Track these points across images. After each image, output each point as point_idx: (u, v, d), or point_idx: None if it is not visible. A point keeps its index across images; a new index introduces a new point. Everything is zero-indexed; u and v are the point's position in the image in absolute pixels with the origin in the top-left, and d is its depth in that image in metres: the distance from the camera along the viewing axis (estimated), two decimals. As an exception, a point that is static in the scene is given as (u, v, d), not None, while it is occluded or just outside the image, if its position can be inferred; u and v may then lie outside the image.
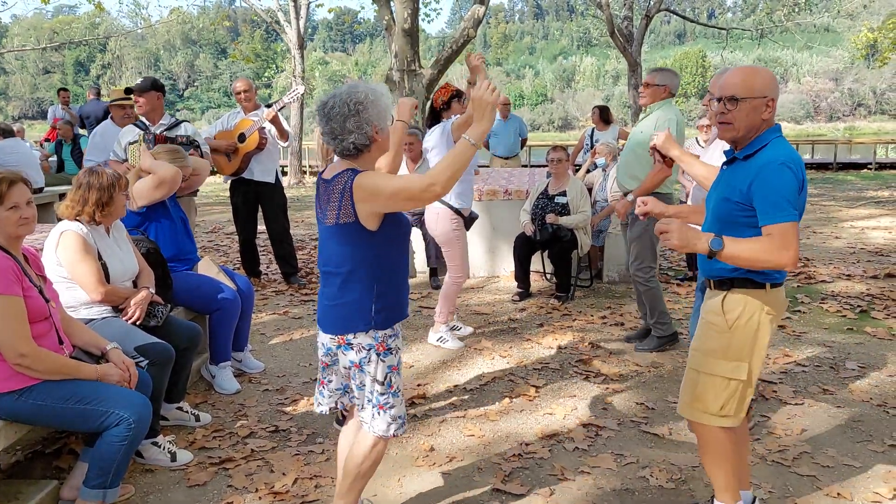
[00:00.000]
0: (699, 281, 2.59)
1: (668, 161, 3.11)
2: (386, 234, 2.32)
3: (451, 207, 4.54)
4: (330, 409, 2.55)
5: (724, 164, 2.45)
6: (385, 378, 2.39)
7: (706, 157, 5.78)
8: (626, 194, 4.47)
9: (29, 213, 2.58)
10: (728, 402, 2.36)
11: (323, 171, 2.43)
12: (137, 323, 3.23)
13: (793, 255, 2.15)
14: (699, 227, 2.44)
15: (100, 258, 3.15)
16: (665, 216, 2.57)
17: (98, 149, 5.53)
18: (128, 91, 5.50)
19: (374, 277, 2.34)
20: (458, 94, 4.50)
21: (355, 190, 2.23)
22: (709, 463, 2.47)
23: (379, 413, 2.40)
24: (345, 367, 2.42)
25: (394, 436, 2.44)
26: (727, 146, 2.45)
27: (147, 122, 5.10)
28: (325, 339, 2.43)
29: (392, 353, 2.41)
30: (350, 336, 2.36)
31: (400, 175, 2.46)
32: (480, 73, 4.21)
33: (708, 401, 2.38)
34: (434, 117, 4.57)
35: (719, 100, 2.33)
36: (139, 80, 5.16)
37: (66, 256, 3.06)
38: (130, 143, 5.04)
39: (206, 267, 4.08)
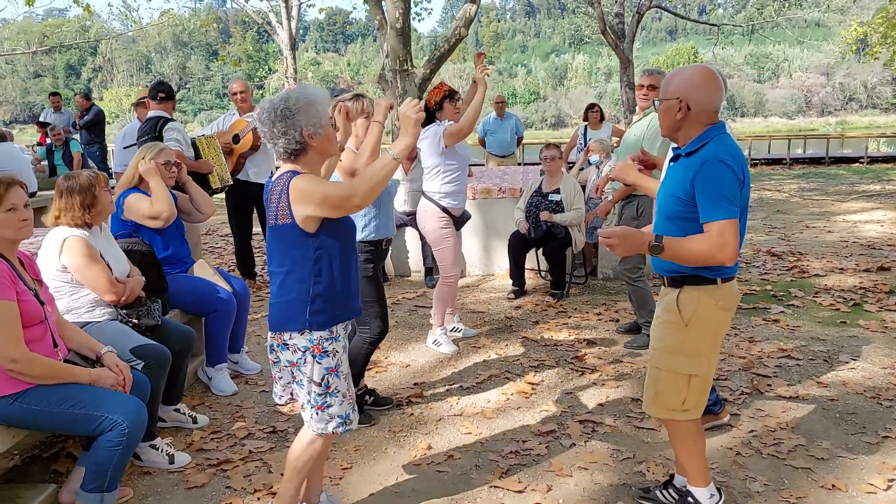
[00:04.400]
0: (652, 259, 2.57)
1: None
2: (325, 237, 2.32)
3: (438, 206, 4.54)
4: (288, 401, 2.56)
5: (671, 160, 2.50)
6: (322, 379, 2.38)
7: None
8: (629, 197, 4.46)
9: (27, 216, 2.58)
10: (689, 396, 2.45)
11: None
12: (133, 322, 3.23)
13: (730, 252, 2.21)
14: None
15: (102, 259, 3.15)
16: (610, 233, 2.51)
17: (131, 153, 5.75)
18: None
19: (312, 279, 2.33)
20: (450, 95, 4.49)
21: (291, 191, 2.25)
22: (682, 453, 2.58)
23: (317, 413, 2.41)
24: (284, 366, 2.44)
25: (333, 433, 2.45)
26: None
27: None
28: (268, 337, 2.45)
29: (329, 356, 2.37)
30: (286, 336, 2.36)
31: (332, 181, 2.52)
32: (480, 84, 4.34)
33: (670, 397, 2.47)
34: (428, 117, 4.56)
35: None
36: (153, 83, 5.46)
37: (74, 262, 3.05)
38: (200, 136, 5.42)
39: (202, 269, 4.08)
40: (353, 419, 2.49)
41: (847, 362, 4.20)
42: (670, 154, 2.60)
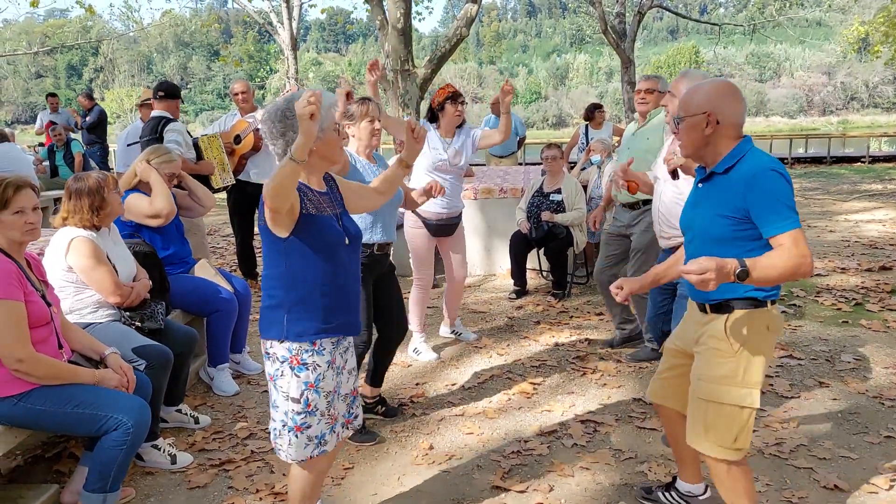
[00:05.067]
0: (686, 286, 2.47)
1: (632, 186, 3.43)
2: (301, 243, 2.22)
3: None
4: None
5: (700, 181, 2.37)
6: (301, 395, 2.25)
7: None
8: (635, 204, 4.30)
9: (34, 219, 2.59)
10: (741, 432, 2.25)
11: None
12: (136, 325, 3.24)
13: (810, 262, 2.06)
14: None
15: (108, 261, 3.16)
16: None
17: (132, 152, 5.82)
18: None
19: (290, 286, 2.24)
20: (453, 96, 4.43)
21: (263, 191, 2.12)
22: (730, 498, 2.35)
23: (296, 436, 2.27)
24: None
25: (311, 458, 2.31)
26: None
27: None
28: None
29: (308, 369, 2.24)
30: (268, 344, 2.29)
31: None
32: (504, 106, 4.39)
33: (721, 432, 2.26)
34: (432, 117, 4.53)
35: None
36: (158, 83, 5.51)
37: (80, 262, 3.06)
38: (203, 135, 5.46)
39: (203, 269, 4.08)
40: (329, 441, 2.34)
41: (849, 362, 4.20)
42: (690, 176, 2.52)
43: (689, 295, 2.46)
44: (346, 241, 2.33)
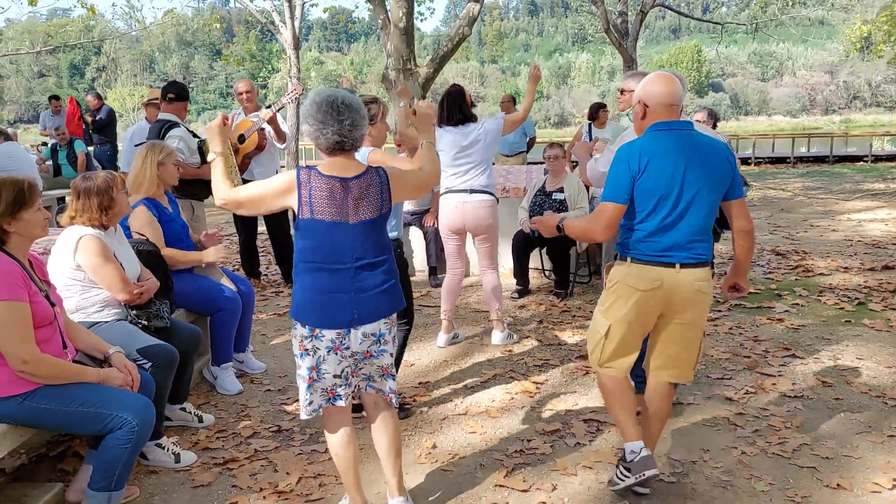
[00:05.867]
0: None
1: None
2: (300, 233, 2.46)
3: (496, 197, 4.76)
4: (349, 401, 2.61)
5: None
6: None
7: None
8: None
9: (48, 215, 2.63)
10: (594, 350, 2.79)
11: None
12: (143, 323, 3.25)
13: (596, 232, 2.65)
14: None
15: (115, 259, 3.16)
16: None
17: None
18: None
19: (297, 269, 2.50)
20: None
21: (392, 180, 2.55)
22: (606, 406, 2.90)
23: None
24: (382, 352, 2.62)
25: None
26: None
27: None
28: (376, 328, 2.59)
29: (309, 355, 2.48)
30: (394, 316, 2.62)
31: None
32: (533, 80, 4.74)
33: (590, 347, 2.84)
34: (466, 116, 4.55)
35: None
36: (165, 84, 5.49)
37: (88, 260, 3.06)
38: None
39: (211, 270, 4.09)
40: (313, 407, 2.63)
41: (852, 361, 4.20)
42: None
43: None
44: None
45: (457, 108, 4.51)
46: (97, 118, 11.08)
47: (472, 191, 4.54)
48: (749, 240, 2.77)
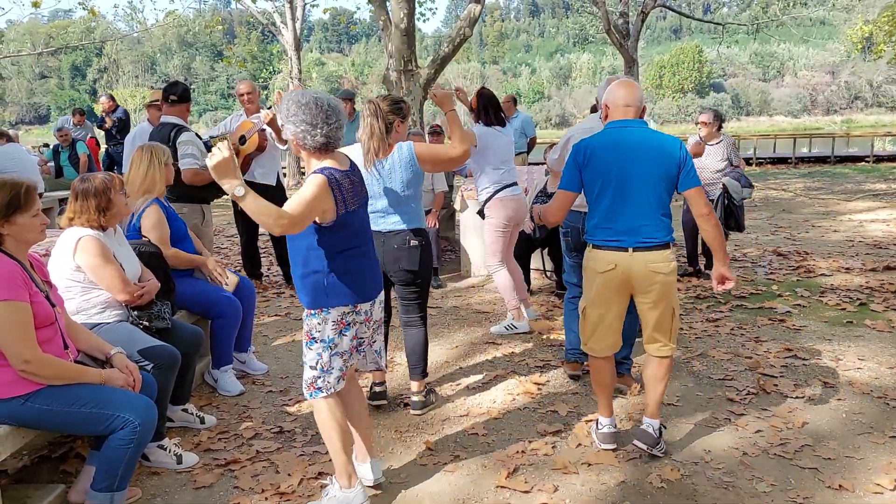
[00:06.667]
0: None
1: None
2: (332, 230, 2.63)
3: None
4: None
5: None
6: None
7: (706, 155, 5.87)
8: None
9: (46, 220, 2.63)
10: (581, 333, 3.16)
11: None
12: (144, 324, 3.25)
13: (553, 210, 3.14)
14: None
15: (115, 259, 3.17)
16: None
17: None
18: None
19: (328, 261, 2.69)
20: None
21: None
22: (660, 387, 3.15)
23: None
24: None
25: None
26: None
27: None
28: (380, 297, 2.89)
29: (350, 328, 2.75)
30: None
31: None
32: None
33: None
34: (503, 117, 4.91)
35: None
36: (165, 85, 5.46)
37: (88, 261, 3.07)
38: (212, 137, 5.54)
39: (232, 281, 4.10)
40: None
41: (854, 362, 4.20)
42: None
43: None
44: None
45: (498, 110, 4.86)
46: (116, 120, 11.15)
47: (515, 185, 4.97)
48: (708, 223, 2.99)
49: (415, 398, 3.70)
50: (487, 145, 4.76)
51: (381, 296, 2.85)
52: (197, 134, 5.38)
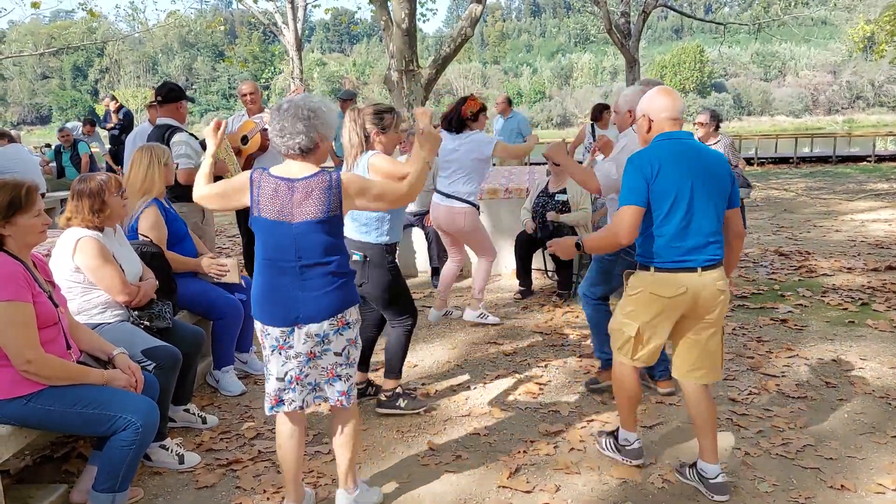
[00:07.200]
0: None
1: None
2: (253, 229, 2.57)
3: (474, 205, 4.94)
4: (298, 407, 2.65)
5: None
6: (343, 350, 2.61)
7: None
8: None
9: (48, 221, 2.63)
10: (622, 347, 2.91)
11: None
12: (145, 324, 3.25)
13: (623, 232, 2.72)
14: None
15: (114, 260, 3.17)
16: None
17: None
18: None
19: (349, 265, 2.64)
20: (484, 108, 4.87)
21: (345, 185, 2.53)
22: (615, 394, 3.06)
23: (347, 381, 2.67)
24: (335, 352, 2.65)
25: (353, 404, 2.69)
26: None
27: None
28: (321, 327, 2.62)
29: (350, 328, 2.61)
30: (346, 314, 2.62)
31: (381, 180, 2.91)
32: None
33: (616, 343, 2.97)
34: (460, 125, 4.84)
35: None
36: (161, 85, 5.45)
37: (87, 262, 3.07)
38: None
39: (234, 274, 4.08)
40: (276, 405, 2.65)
41: (855, 362, 4.19)
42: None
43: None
44: None
45: (456, 116, 4.84)
46: (120, 121, 11.20)
47: (448, 195, 4.86)
48: (741, 244, 3.00)
49: (381, 396, 3.72)
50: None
51: (316, 329, 2.52)
52: (192, 134, 5.37)
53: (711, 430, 2.82)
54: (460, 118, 4.84)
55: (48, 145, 11.63)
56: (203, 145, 5.29)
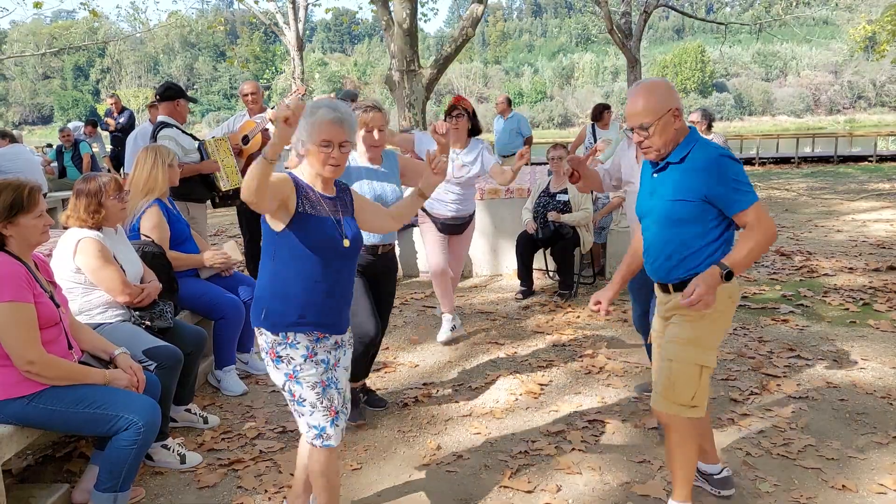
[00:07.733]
0: (648, 271, 2.65)
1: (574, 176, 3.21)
2: (293, 238, 2.31)
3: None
4: None
5: (655, 171, 2.55)
6: (284, 386, 2.35)
7: None
8: None
9: (50, 222, 2.63)
10: (698, 391, 2.47)
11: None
12: (146, 324, 3.26)
13: (775, 229, 2.35)
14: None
15: (115, 260, 3.18)
16: None
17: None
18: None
19: (273, 277, 2.35)
20: (448, 110, 4.67)
21: None
22: (675, 457, 2.54)
23: (299, 418, 2.38)
24: None
25: (313, 445, 2.36)
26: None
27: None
28: None
29: (284, 362, 2.32)
30: (257, 331, 2.40)
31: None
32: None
33: (680, 391, 2.47)
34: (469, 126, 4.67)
35: (632, 129, 2.48)
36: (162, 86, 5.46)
37: (87, 263, 3.08)
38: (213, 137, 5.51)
39: (232, 250, 4.13)
40: (332, 435, 2.35)
41: (857, 362, 4.19)
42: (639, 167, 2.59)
43: (652, 278, 2.63)
44: (345, 244, 2.40)
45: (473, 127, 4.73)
46: (119, 122, 11.22)
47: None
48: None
49: None
50: (420, 151, 4.60)
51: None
52: (188, 133, 5.37)
53: (708, 434, 2.79)
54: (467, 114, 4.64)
55: (49, 145, 11.67)
56: (202, 146, 5.30)
